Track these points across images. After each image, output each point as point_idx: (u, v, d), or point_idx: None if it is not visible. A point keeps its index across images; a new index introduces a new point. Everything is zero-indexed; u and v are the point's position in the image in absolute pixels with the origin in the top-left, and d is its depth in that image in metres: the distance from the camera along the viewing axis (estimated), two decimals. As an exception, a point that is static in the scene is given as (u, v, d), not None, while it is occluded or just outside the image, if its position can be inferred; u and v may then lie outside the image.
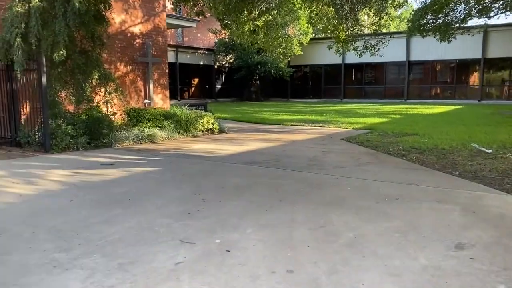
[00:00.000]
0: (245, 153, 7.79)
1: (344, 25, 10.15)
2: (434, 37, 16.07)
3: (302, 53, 26.52)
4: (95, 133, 8.50)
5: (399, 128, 11.25)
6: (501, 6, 17.72)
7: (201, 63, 27.90)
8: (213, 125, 10.97)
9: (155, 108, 10.96)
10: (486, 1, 17.14)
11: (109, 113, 9.57)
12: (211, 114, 11.30)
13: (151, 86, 11.56)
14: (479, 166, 6.32)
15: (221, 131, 11.27)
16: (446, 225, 3.73)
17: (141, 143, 8.90)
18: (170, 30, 27.47)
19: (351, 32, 11.60)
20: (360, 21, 11.86)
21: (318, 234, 3.54)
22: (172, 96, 25.51)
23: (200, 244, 3.32)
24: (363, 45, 12.54)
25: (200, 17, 11.52)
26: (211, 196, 4.76)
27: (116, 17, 10.71)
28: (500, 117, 14.24)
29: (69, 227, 3.75)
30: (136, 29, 11.29)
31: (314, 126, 12.69)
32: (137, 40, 11.34)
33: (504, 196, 4.65)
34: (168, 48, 24.67)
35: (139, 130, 9.15)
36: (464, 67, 25.61)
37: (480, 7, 17.00)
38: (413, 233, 3.52)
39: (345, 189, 5.08)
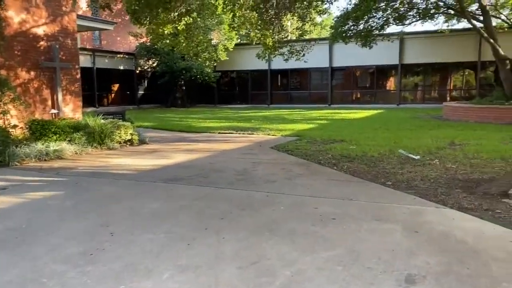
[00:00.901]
0: (168, 168, 7.03)
1: (270, 31, 9.77)
2: (356, 43, 16.42)
3: (227, 58, 26.11)
4: (-14, 151, 7.23)
5: (326, 135, 11.13)
6: (415, 14, 18.65)
7: (121, 68, 26.31)
8: (132, 135, 10.01)
9: (64, 119, 9.76)
10: (402, 10, 17.93)
11: (7, 126, 8.28)
12: (129, 123, 10.33)
13: (59, 94, 10.30)
14: (410, 175, 6.18)
15: (142, 141, 10.36)
16: (390, 250, 3.34)
17: (45, 160, 7.75)
18: (86, 33, 25.58)
19: (277, 37, 11.30)
20: (285, 26, 11.60)
21: (250, 274, 2.96)
22: (89, 104, 23.75)
23: (100, 303, 2.58)
24: (289, 50, 12.32)
25: (119, 20, 10.57)
26: (122, 227, 3.99)
27: (15, 16, 9.38)
28: (419, 121, 14.82)
29: None
30: (40, 30, 10.00)
31: (243, 133, 12.21)
32: (42, 43, 10.05)
33: (442, 210, 4.42)
34: (84, 52, 22.98)
35: (43, 145, 7.98)
36: (383, 72, 26.85)
37: (397, 15, 17.74)
38: (357, 265, 3.07)
39: (278, 208, 4.57)
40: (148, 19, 8.95)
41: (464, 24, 23.02)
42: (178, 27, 9.31)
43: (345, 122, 14.98)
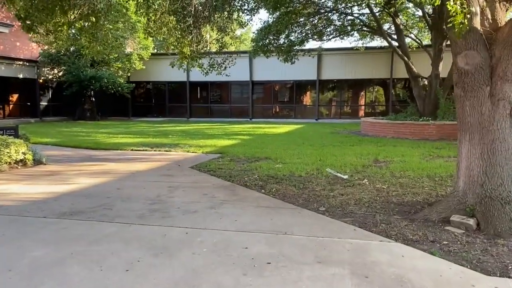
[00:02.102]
0: (65, 196, 5.82)
1: (188, 39, 8.94)
2: (278, 58, 16.19)
3: (144, 67, 24.68)
4: None
5: (250, 152, 10.50)
6: (332, 31, 19.00)
7: (21, 76, 23.55)
8: (25, 155, 8.50)
9: None
10: (320, 26, 18.14)
11: None
12: (22, 140, 8.77)
13: None
14: (343, 198, 5.70)
15: (39, 161, 8.87)
16: (343, 309, 2.67)
17: None
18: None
19: (196, 48, 10.48)
20: (204, 36, 10.84)
21: None
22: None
23: None
24: (209, 63, 11.57)
25: (16, 23, 8.99)
26: (-19, 295, 2.87)
27: None
28: (340, 136, 14.87)
29: None
30: None
31: (159, 150, 11.14)
32: None
33: (388, 245, 3.90)
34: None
35: None
36: (302, 87, 27.24)
37: (315, 31, 17.91)
38: None
39: (200, 251, 3.72)
40: (44, 25, 7.61)
41: (378, 42, 24.21)
42: (78, 26, 8.09)
43: (268, 137, 14.54)
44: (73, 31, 10.65)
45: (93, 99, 25.71)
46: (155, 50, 27.08)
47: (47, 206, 5.30)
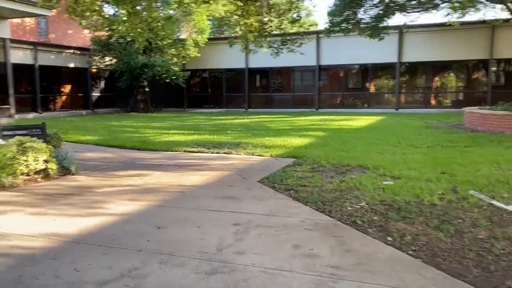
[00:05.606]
0: (74, 247, 3.64)
1: (256, 5, 6.50)
2: (360, 34, 13.33)
3: (199, 55, 22.66)
4: None
5: (334, 156, 7.94)
6: (416, 3, 15.72)
7: (72, 65, 22.34)
8: (47, 163, 6.54)
9: None
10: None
11: None
12: (44, 144, 6.79)
13: None
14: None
15: (66, 170, 6.92)
16: None
17: None
18: (29, 23, 21.61)
19: (263, 21, 8.03)
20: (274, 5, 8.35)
21: None
22: (30, 108, 19.86)
23: None
24: (281, 39, 9.08)
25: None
26: None
27: None
28: (440, 132, 11.82)
29: None
30: None
31: (217, 152, 8.89)
32: None
33: None
34: (22, 46, 18.99)
35: None
36: (378, 72, 23.80)
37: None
38: None
39: None
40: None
41: (476, 15, 20.34)
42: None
43: (347, 133, 11.83)
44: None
45: (147, 89, 24.11)
46: (211, 36, 24.91)
47: (34, 272, 3.11)
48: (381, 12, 14.05)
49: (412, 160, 7.36)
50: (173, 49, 21.97)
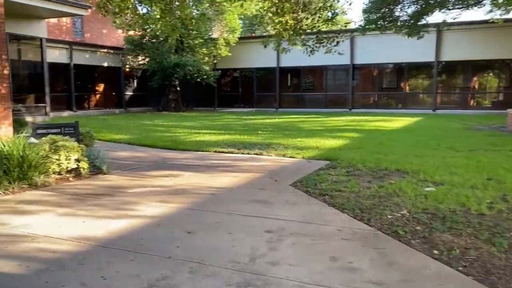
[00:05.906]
0: (100, 252, 3.53)
1: (292, 2, 6.25)
2: (397, 32, 12.84)
3: (230, 54, 22.57)
4: None
5: (370, 158, 7.60)
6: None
7: (106, 64, 22.74)
8: (79, 162, 6.53)
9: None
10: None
11: None
12: (76, 144, 6.79)
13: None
14: None
15: (98, 169, 6.90)
16: None
17: None
18: (65, 23, 22.16)
19: (299, 18, 7.78)
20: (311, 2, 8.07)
21: None
22: (65, 107, 20.31)
23: None
24: (317, 37, 8.79)
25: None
26: None
27: None
28: (482, 135, 11.23)
29: None
30: None
31: (248, 153, 8.71)
32: None
33: None
34: (58, 45, 19.44)
35: None
36: (414, 71, 23.02)
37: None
38: None
39: None
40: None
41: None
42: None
43: (384, 135, 11.41)
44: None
45: (178, 88, 24.26)
46: (242, 35, 24.78)
47: (60, 278, 3.00)
48: (420, 9, 13.47)
49: (454, 165, 6.94)
50: (205, 49, 22.00)
